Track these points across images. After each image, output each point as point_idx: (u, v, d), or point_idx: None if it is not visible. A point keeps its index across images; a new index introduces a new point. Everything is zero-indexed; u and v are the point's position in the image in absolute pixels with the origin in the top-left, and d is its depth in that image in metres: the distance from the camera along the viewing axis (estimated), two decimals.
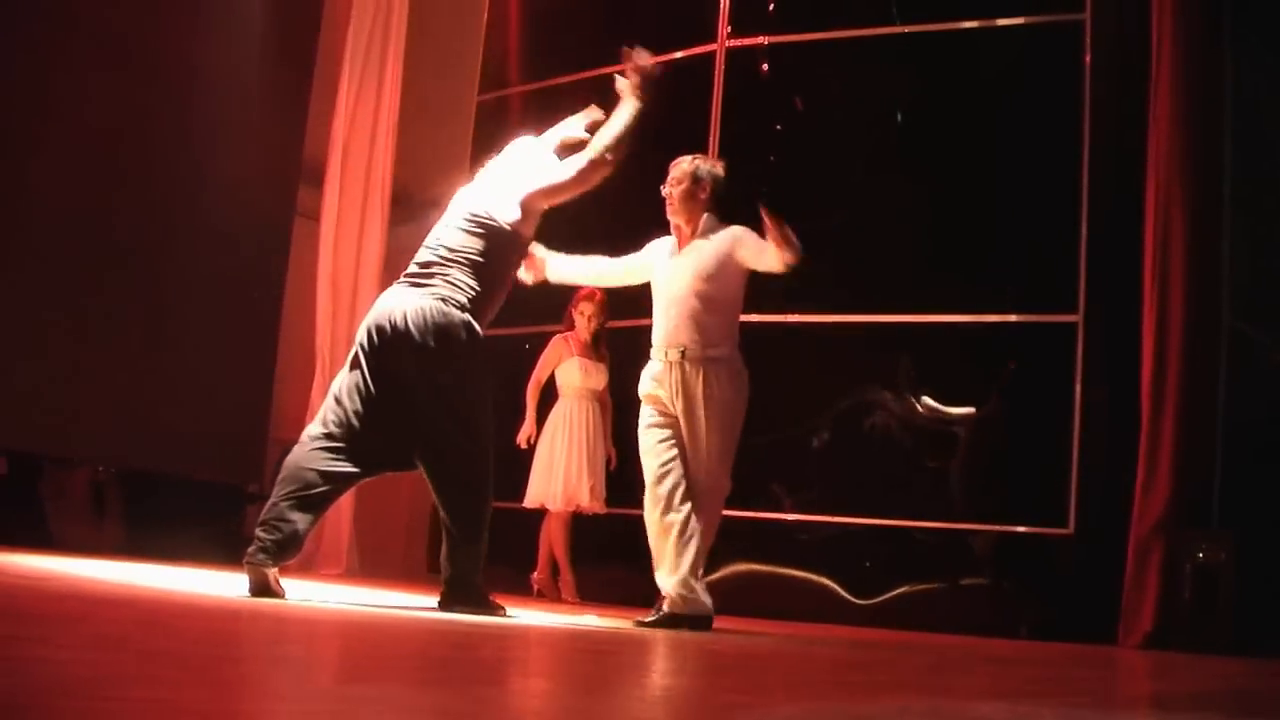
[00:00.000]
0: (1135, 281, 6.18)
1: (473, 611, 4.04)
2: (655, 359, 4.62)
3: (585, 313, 6.64)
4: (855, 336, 6.84)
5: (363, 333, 4.16)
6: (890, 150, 7.01)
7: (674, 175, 4.65)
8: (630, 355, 6.52)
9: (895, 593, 6.49)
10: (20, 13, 6.26)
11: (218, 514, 7.48)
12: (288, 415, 7.83)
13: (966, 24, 6.88)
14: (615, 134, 4.38)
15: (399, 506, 8.18)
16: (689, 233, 4.65)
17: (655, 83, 4.46)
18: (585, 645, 3.46)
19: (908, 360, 6.73)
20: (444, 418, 4.09)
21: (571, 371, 6.65)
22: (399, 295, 4.17)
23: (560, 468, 6.51)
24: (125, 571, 4.75)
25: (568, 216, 4.56)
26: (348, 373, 4.16)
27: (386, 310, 4.12)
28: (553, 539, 6.62)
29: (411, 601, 4.58)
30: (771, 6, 7.43)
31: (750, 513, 6.44)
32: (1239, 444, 5.96)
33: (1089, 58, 6.50)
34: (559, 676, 2.52)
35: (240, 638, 2.71)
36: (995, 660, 4.23)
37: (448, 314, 4.08)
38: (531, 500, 6.58)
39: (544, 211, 4.40)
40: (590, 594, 6.65)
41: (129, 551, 6.37)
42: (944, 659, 4.16)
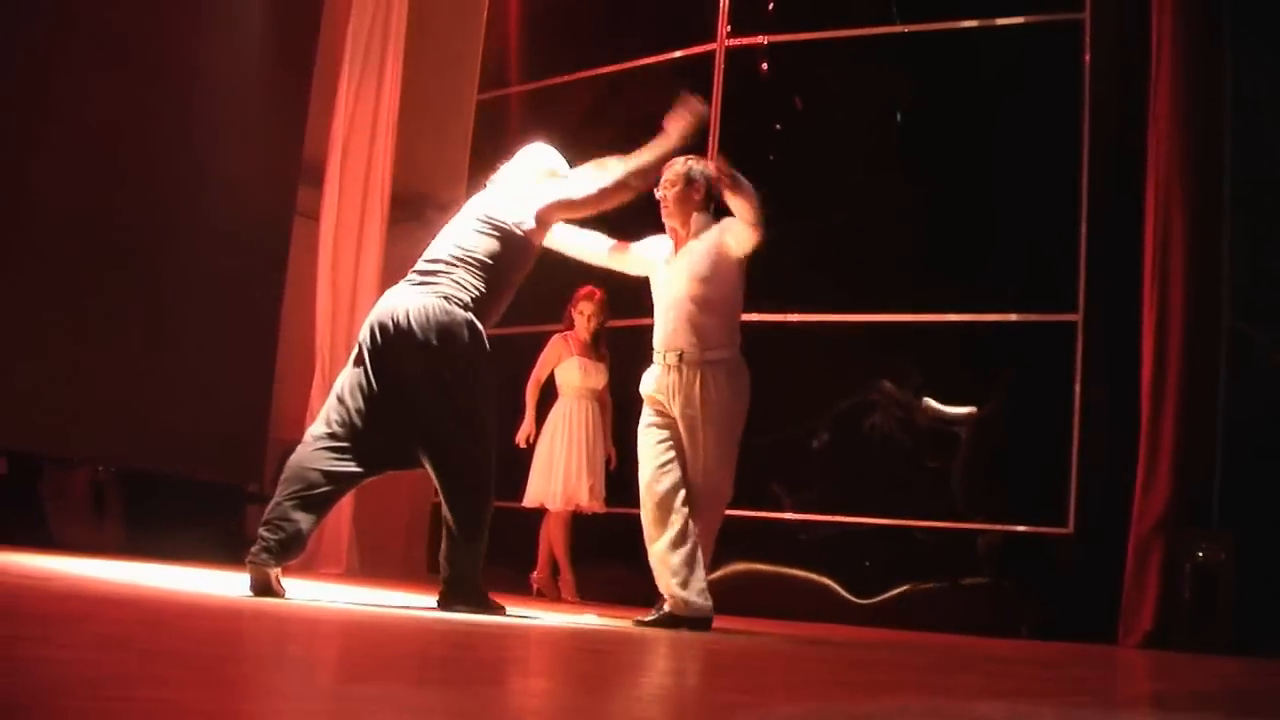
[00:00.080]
0: (1135, 281, 6.19)
1: (472, 611, 4.04)
2: (655, 361, 4.62)
3: (585, 312, 6.64)
4: (855, 336, 6.84)
5: (365, 331, 4.16)
6: (890, 150, 7.02)
7: (667, 177, 4.61)
8: (630, 355, 6.51)
9: (895, 592, 6.50)
10: (20, 12, 6.25)
11: (218, 514, 7.47)
12: (287, 415, 7.83)
13: (966, 23, 6.89)
14: (645, 163, 4.40)
15: (399, 506, 8.18)
16: (684, 235, 4.63)
17: (698, 129, 4.52)
18: (585, 645, 3.46)
19: (908, 360, 6.73)
20: (447, 415, 4.09)
21: (571, 371, 6.65)
22: (402, 294, 4.16)
23: (560, 467, 6.51)
24: (126, 571, 4.75)
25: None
26: (350, 371, 4.16)
27: (389, 309, 4.12)
28: (552, 538, 6.62)
29: (411, 601, 4.59)
30: (771, 6, 7.43)
31: (750, 512, 6.44)
32: (1239, 444, 5.96)
33: (1089, 57, 6.50)
34: (559, 676, 2.52)
35: (242, 637, 2.71)
36: (995, 660, 4.24)
37: (450, 312, 4.07)
38: (531, 500, 6.58)
39: (557, 222, 4.40)
40: (590, 593, 6.65)
41: (129, 551, 6.36)
42: (944, 659, 4.16)
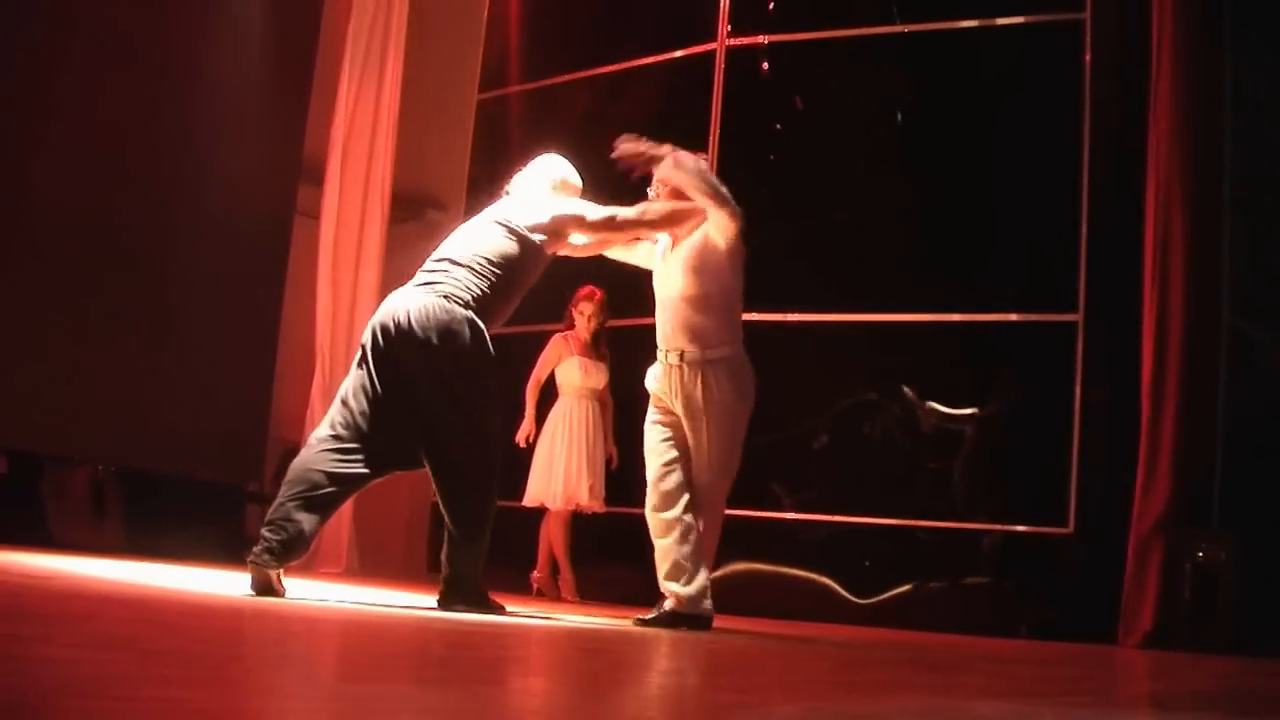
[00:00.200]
0: (1135, 281, 6.19)
1: (472, 610, 4.05)
2: (659, 358, 4.61)
3: (585, 312, 6.64)
4: (855, 336, 6.85)
5: (368, 334, 4.17)
6: (890, 150, 7.02)
7: (659, 175, 4.57)
8: (631, 354, 6.52)
9: (895, 592, 6.50)
10: (21, 12, 6.26)
11: (218, 513, 7.47)
12: (288, 414, 7.84)
13: (966, 23, 6.89)
14: (664, 212, 4.44)
15: (399, 505, 8.18)
16: (679, 232, 4.61)
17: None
18: (585, 644, 3.46)
19: (908, 360, 6.73)
20: (448, 412, 4.09)
21: (571, 371, 6.65)
22: (405, 295, 4.18)
23: (560, 467, 6.51)
24: (127, 571, 4.75)
25: None
26: (354, 374, 4.17)
27: (391, 310, 4.13)
28: (552, 538, 6.63)
29: (411, 600, 4.59)
30: (771, 6, 7.43)
31: (751, 512, 6.45)
32: (1239, 443, 5.96)
33: (1089, 57, 6.50)
34: (559, 675, 2.52)
35: (243, 636, 2.72)
36: (995, 660, 4.24)
37: (450, 311, 4.08)
38: (531, 499, 6.59)
39: (568, 236, 4.40)
40: (590, 593, 6.66)
41: (129, 551, 6.36)
42: (944, 659, 4.16)
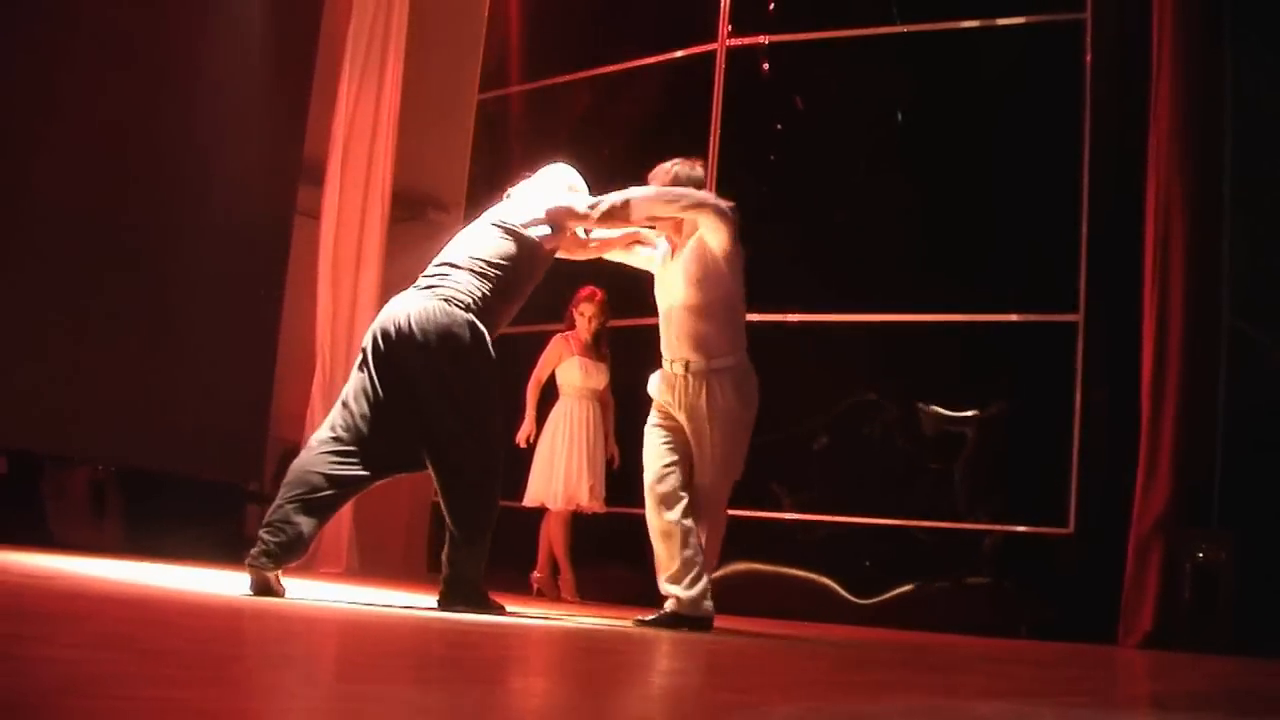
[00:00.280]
0: (1136, 281, 6.19)
1: (472, 610, 4.05)
2: (664, 366, 4.61)
3: (586, 313, 6.64)
4: (855, 336, 6.85)
5: (368, 337, 4.18)
6: (891, 150, 7.02)
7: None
8: (632, 354, 6.53)
9: (895, 592, 6.50)
10: (22, 12, 6.26)
11: (218, 513, 7.48)
12: (288, 414, 7.84)
13: (967, 24, 6.89)
14: (652, 195, 4.42)
15: (399, 505, 8.19)
16: (678, 240, 4.57)
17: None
18: (585, 644, 3.46)
19: (908, 360, 6.74)
20: (449, 413, 4.10)
21: (572, 371, 6.65)
22: (405, 299, 4.19)
23: (560, 467, 6.51)
24: (127, 570, 4.75)
25: None
26: (354, 378, 4.17)
27: (392, 314, 4.14)
28: (552, 538, 6.63)
29: (411, 600, 4.59)
30: (772, 6, 7.44)
31: (751, 512, 6.45)
32: (1239, 443, 5.97)
33: (1089, 57, 6.51)
34: (559, 676, 2.52)
35: (243, 636, 2.72)
36: (995, 660, 4.24)
37: (450, 313, 4.09)
38: (531, 499, 6.59)
39: (568, 229, 4.40)
40: (590, 593, 6.66)
41: (129, 550, 6.37)
42: (944, 659, 4.16)
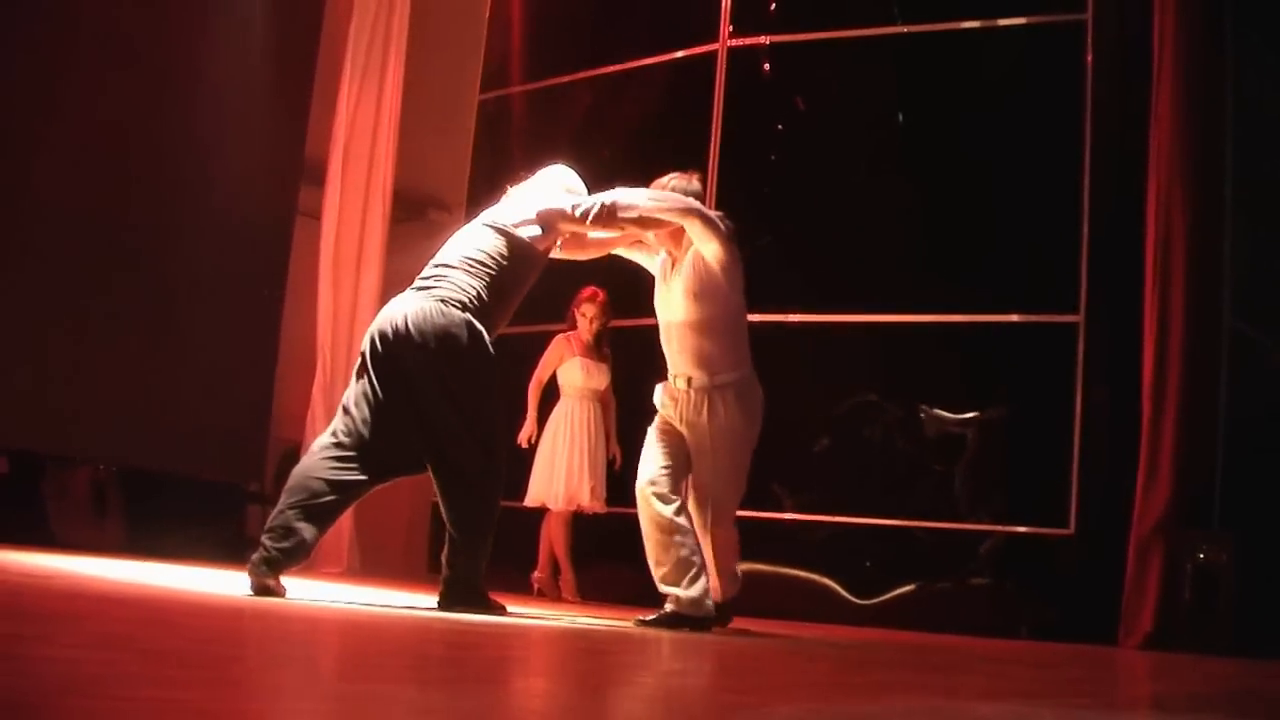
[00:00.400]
0: (1136, 282, 6.19)
1: (472, 611, 4.05)
2: (668, 378, 4.61)
3: (587, 314, 6.64)
4: (855, 336, 6.85)
5: (366, 341, 4.17)
6: (892, 150, 7.02)
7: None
8: (633, 355, 6.53)
9: (896, 593, 6.50)
10: (23, 13, 6.26)
11: (218, 513, 7.48)
12: (289, 414, 7.84)
13: (968, 24, 6.89)
14: (642, 201, 4.39)
15: (399, 505, 8.18)
16: (678, 254, 4.56)
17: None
18: (585, 645, 3.46)
19: (908, 361, 6.73)
20: (448, 414, 4.09)
21: (573, 371, 6.65)
22: (403, 301, 4.18)
23: (561, 467, 6.52)
24: (128, 570, 4.76)
25: None
26: (354, 383, 4.17)
27: (389, 316, 4.14)
28: (553, 538, 6.63)
29: (412, 601, 4.59)
30: (773, 6, 7.44)
31: (751, 513, 6.44)
32: (1240, 444, 5.97)
33: (1090, 58, 6.50)
34: (559, 676, 2.53)
35: (244, 637, 2.72)
36: (995, 661, 4.24)
37: (447, 314, 4.09)
38: (532, 500, 6.59)
39: (560, 230, 4.39)
40: (591, 593, 6.66)
41: (130, 550, 6.37)
42: (944, 659, 4.16)
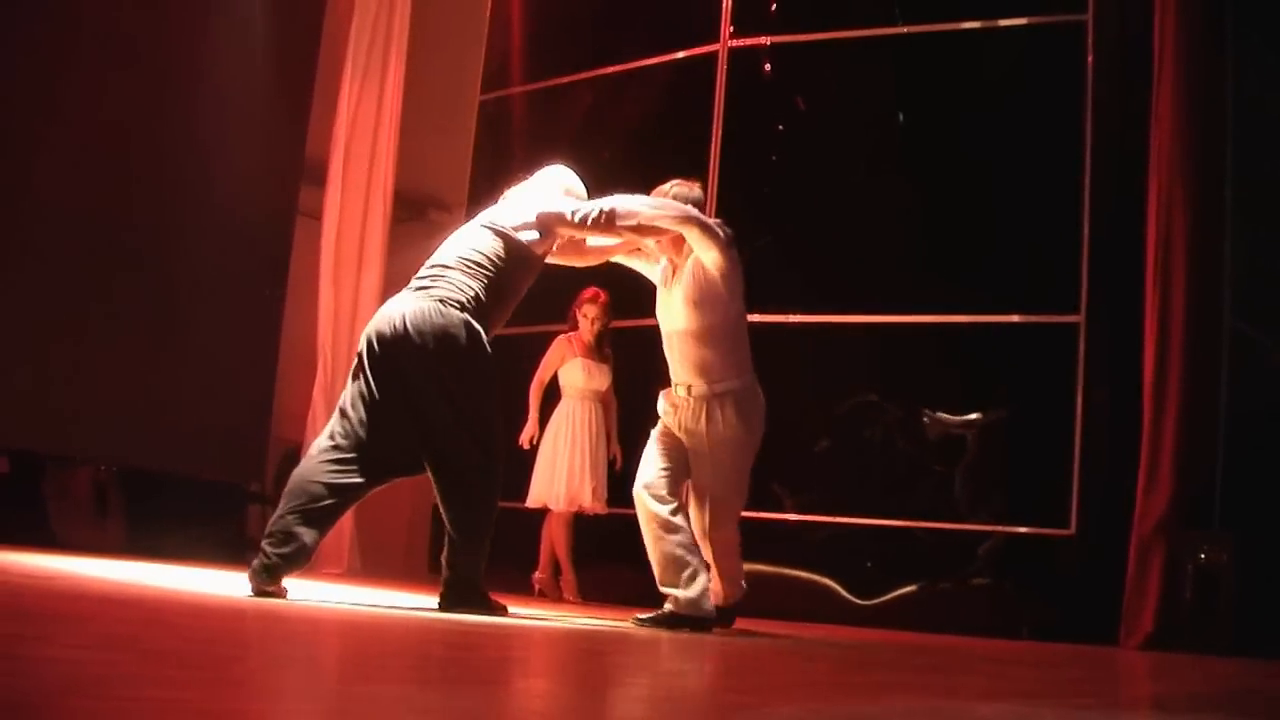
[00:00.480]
0: (1137, 282, 6.19)
1: (473, 611, 4.04)
2: (670, 385, 4.62)
3: (589, 314, 6.64)
4: (855, 337, 6.85)
5: (363, 341, 4.15)
6: (892, 151, 7.02)
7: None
8: (634, 356, 6.53)
9: (896, 593, 6.50)
10: (24, 13, 6.27)
11: (219, 513, 7.48)
12: (289, 414, 7.84)
13: (968, 24, 6.89)
14: (642, 209, 4.37)
15: (400, 505, 8.18)
16: (678, 262, 4.56)
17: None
18: (585, 645, 3.47)
19: (909, 361, 6.73)
20: (447, 414, 4.08)
21: (574, 372, 6.65)
22: (399, 301, 4.17)
23: (563, 468, 6.52)
24: (128, 571, 4.76)
25: None
26: (351, 384, 4.15)
27: (387, 316, 4.13)
28: (554, 539, 6.63)
29: (412, 601, 4.59)
30: (774, 7, 7.44)
31: (751, 513, 6.44)
32: (1240, 445, 5.96)
33: (1091, 58, 6.51)
34: (560, 676, 2.53)
35: (245, 637, 2.72)
36: (996, 661, 4.24)
37: (445, 314, 4.08)
38: (534, 500, 6.59)
39: (558, 234, 4.39)
40: (592, 594, 6.66)
41: (131, 551, 6.37)
42: (945, 660, 4.16)
